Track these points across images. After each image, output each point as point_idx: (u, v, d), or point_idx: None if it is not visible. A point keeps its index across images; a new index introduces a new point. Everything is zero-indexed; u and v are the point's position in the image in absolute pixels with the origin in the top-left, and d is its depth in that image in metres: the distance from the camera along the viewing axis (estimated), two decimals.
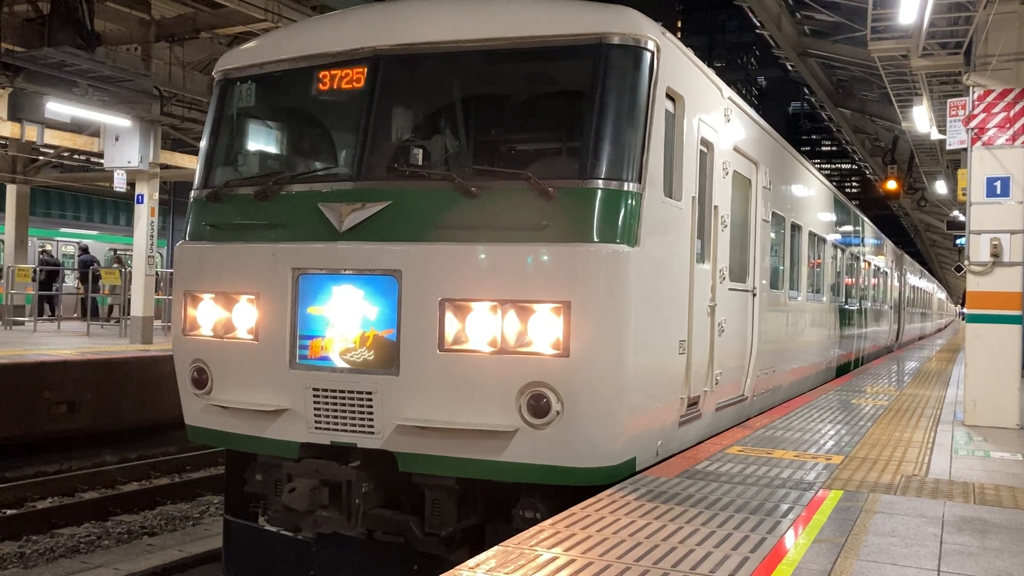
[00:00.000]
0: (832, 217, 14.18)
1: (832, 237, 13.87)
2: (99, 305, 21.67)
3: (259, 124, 6.86)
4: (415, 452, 5.45)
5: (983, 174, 9.03)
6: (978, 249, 9.05)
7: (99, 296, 21.74)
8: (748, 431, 7.88)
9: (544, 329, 5.16)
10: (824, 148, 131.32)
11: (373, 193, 5.60)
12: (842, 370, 15.28)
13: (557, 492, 5.35)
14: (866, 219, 18.73)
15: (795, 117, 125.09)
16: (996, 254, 8.94)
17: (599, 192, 5.25)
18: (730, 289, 7.55)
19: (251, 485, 6.20)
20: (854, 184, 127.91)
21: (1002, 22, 8.90)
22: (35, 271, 21.66)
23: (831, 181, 16.51)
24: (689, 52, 6.42)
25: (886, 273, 22.09)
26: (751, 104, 9.27)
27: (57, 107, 14.37)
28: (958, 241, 20.93)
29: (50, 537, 9.36)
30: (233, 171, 6.51)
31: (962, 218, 12.22)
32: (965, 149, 9.56)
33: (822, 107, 22.41)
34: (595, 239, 5.17)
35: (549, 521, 4.63)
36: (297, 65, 6.18)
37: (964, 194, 9.55)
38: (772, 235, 9.49)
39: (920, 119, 14.82)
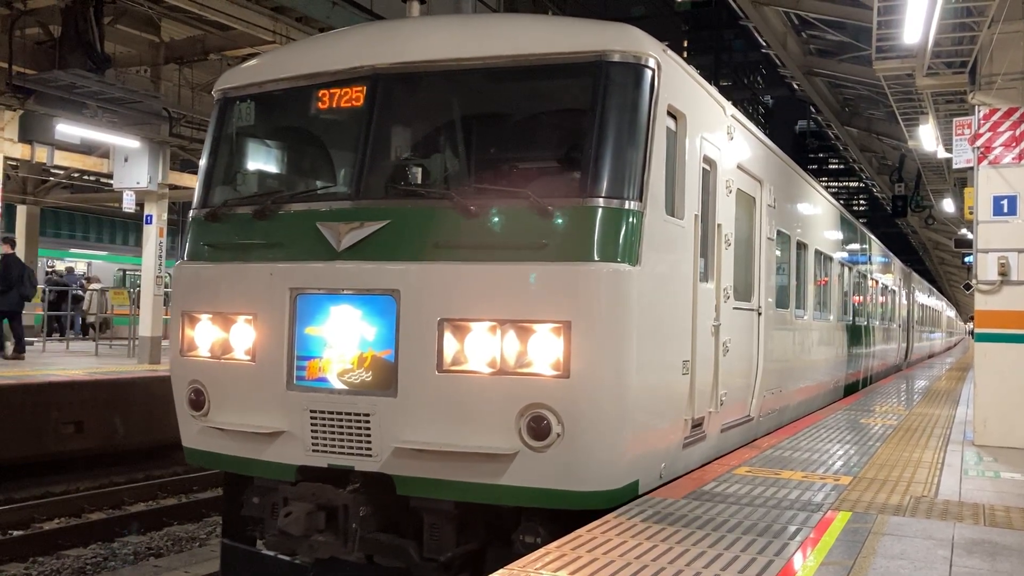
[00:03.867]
0: (839, 235, 14.10)
1: (839, 255, 13.78)
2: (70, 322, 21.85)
3: (258, 143, 6.83)
4: (413, 475, 5.37)
5: (990, 193, 8.98)
6: (986, 268, 8.98)
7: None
8: (755, 452, 7.79)
9: (544, 349, 5.09)
10: (831, 166, 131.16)
11: (371, 212, 5.56)
12: (851, 389, 15.14)
13: (558, 516, 5.26)
14: (874, 237, 18.63)
15: (802, 135, 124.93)
16: (1004, 273, 8.86)
17: (599, 211, 5.20)
18: (734, 308, 7.47)
19: (248, 508, 6.12)
20: (862, 202, 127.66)
21: (1007, 41, 8.87)
22: (44, 291, 21.74)
23: (838, 199, 16.47)
24: (691, 70, 6.39)
25: (894, 291, 21.94)
26: (757, 123, 9.25)
27: (67, 129, 14.48)
28: (966, 259, 20.81)
29: (56, 559, 9.29)
30: (232, 190, 6.48)
31: (970, 236, 12.13)
32: (971, 168, 9.50)
33: (829, 126, 22.39)
34: (596, 258, 5.11)
35: (554, 544, 4.56)
36: (296, 84, 6.17)
37: (971, 213, 9.48)
38: (777, 253, 9.42)
39: (926, 138, 14.77)
